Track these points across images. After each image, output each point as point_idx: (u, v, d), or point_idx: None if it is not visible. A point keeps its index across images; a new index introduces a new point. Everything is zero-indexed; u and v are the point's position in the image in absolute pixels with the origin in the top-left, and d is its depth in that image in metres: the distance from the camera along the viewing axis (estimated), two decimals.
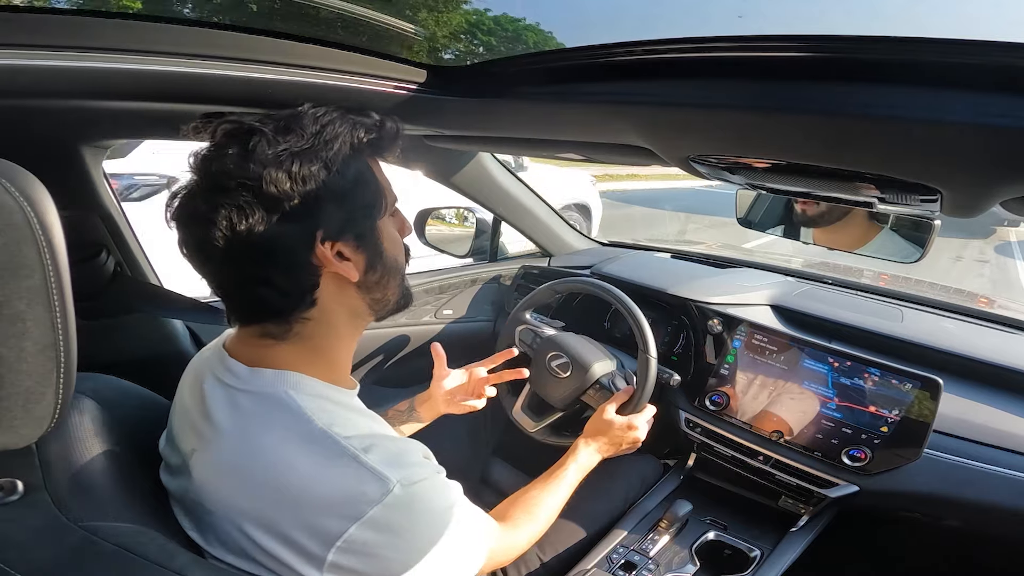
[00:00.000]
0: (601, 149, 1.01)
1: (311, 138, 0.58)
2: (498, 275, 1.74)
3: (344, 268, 0.61)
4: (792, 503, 1.18)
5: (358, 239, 0.62)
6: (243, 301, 0.61)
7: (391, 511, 0.53)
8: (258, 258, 0.57)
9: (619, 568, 1.04)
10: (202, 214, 0.55)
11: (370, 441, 0.57)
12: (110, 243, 1.07)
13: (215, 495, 0.57)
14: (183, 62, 0.62)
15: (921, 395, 1.04)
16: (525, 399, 1.24)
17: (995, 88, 0.47)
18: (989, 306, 1.43)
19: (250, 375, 0.60)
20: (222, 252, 0.56)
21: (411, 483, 0.55)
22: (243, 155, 0.55)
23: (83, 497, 0.53)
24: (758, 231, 1.23)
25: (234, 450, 0.57)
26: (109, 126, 0.88)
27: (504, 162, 1.55)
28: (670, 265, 1.73)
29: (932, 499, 1.04)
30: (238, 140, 0.56)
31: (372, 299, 0.66)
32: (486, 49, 0.78)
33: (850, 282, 1.56)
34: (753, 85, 0.60)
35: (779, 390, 1.19)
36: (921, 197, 0.68)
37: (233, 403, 0.59)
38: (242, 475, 0.56)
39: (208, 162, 0.57)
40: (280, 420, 0.57)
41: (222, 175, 0.55)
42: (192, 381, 0.66)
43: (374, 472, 0.54)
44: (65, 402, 0.45)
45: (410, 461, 0.58)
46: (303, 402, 0.58)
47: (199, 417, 0.61)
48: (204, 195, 0.56)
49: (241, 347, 0.63)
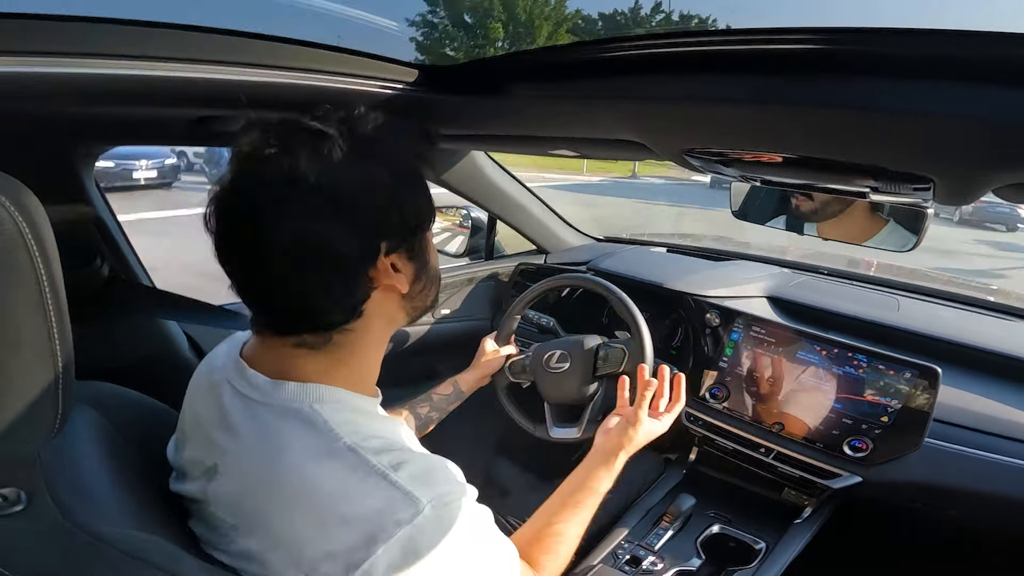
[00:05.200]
0: (595, 145, 1.01)
1: (374, 143, 0.56)
2: (494, 273, 1.74)
3: (397, 280, 0.59)
4: (795, 495, 1.18)
5: (410, 251, 0.60)
6: (288, 311, 0.57)
7: (421, 532, 0.51)
8: (320, 263, 0.54)
9: (625, 563, 1.05)
10: (267, 211, 0.52)
11: (400, 457, 0.54)
12: (103, 248, 1.07)
13: (238, 510, 0.56)
14: (177, 66, 0.62)
15: (920, 384, 1.04)
16: (551, 416, 1.20)
17: (986, 79, 0.47)
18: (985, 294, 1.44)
19: (273, 388, 0.57)
20: (282, 253, 0.52)
21: (443, 504, 0.53)
22: (316, 156, 0.52)
23: (87, 504, 0.52)
24: (754, 223, 1.23)
25: (258, 468, 0.55)
26: (100, 132, 0.88)
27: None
28: (666, 259, 1.73)
29: (934, 489, 1.04)
30: (308, 143, 0.53)
31: (412, 307, 0.65)
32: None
33: (846, 272, 1.56)
34: (746, 78, 0.60)
35: (778, 382, 1.19)
36: (914, 186, 0.69)
37: (255, 417, 0.57)
38: (267, 493, 0.54)
39: (276, 160, 0.52)
40: (305, 437, 0.54)
41: (295, 173, 0.51)
42: (206, 390, 0.63)
43: (404, 491, 0.52)
44: (66, 409, 0.45)
45: (440, 479, 0.56)
46: (329, 416, 0.55)
47: (218, 430, 0.59)
48: (271, 191, 0.52)
49: (263, 356, 0.60)
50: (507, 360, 1.23)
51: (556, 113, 0.85)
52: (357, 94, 0.75)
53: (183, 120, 0.79)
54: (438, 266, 0.68)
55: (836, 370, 1.13)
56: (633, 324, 1.13)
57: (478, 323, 1.69)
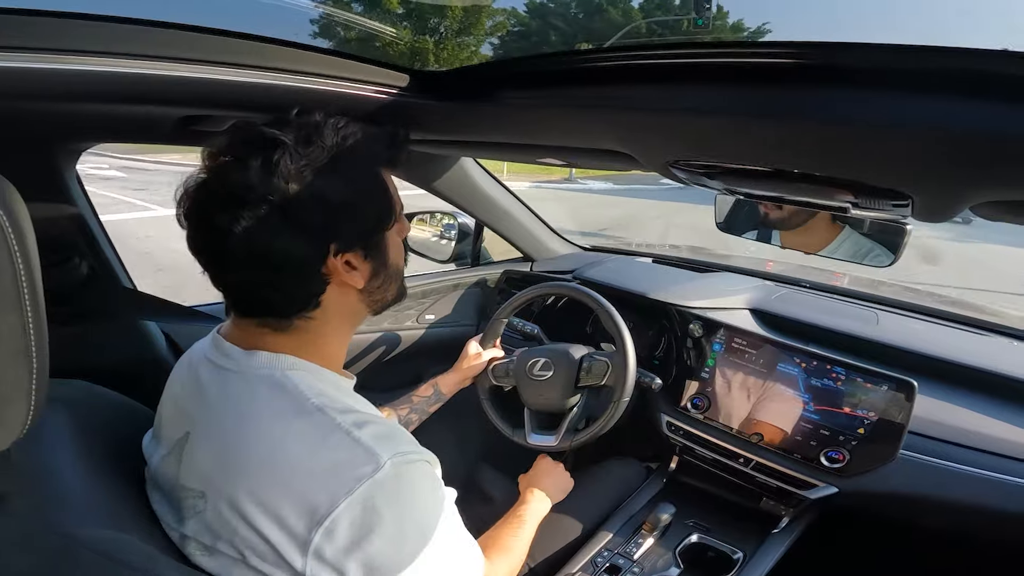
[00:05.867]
0: (581, 154, 1.02)
1: (332, 150, 0.59)
2: (480, 280, 1.75)
3: (351, 277, 0.62)
4: (773, 505, 1.19)
5: (367, 250, 0.63)
6: (248, 300, 0.62)
7: (381, 488, 0.52)
8: (271, 267, 0.57)
9: (604, 571, 1.05)
10: (219, 222, 0.55)
11: (364, 418, 0.57)
12: (83, 246, 1.05)
13: (207, 475, 0.57)
14: (162, 65, 0.61)
15: (896, 397, 1.06)
16: (531, 423, 1.20)
17: (964, 94, 0.48)
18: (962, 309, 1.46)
19: (245, 356, 0.60)
20: (234, 260, 0.57)
21: (404, 462, 0.55)
22: (266, 168, 0.55)
23: (60, 504, 0.52)
24: (736, 235, 1.25)
25: (228, 429, 0.57)
26: (83, 129, 0.87)
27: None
28: (651, 270, 1.75)
29: (910, 500, 1.05)
30: (260, 152, 0.56)
31: (372, 300, 0.68)
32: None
33: (827, 286, 1.59)
34: (731, 91, 0.61)
35: (758, 393, 1.20)
36: (893, 202, 0.70)
37: (227, 384, 0.60)
38: (236, 453, 0.55)
39: (229, 172, 0.56)
40: (274, 398, 0.57)
41: (244, 188, 0.55)
42: (186, 371, 0.66)
43: (366, 447, 0.54)
44: (38, 408, 0.44)
45: (403, 440, 0.58)
46: (298, 380, 0.58)
47: (192, 402, 0.62)
48: (223, 204, 0.56)
49: (237, 333, 0.63)
50: (491, 363, 1.23)
51: (544, 121, 0.86)
52: (346, 98, 0.75)
53: (168, 119, 0.78)
54: (401, 264, 0.71)
55: (815, 382, 1.15)
56: (618, 337, 1.14)
57: (464, 329, 1.69)
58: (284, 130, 0.58)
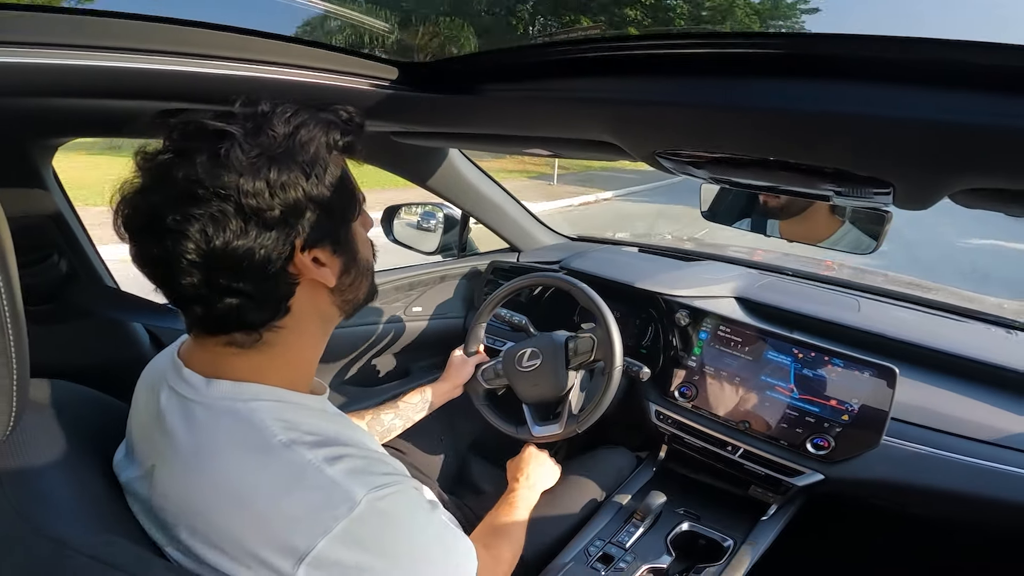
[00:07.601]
0: (569, 145, 1.02)
1: (285, 140, 0.54)
2: (467, 271, 1.74)
3: (321, 274, 0.58)
4: (762, 492, 1.21)
5: (335, 244, 0.60)
6: (211, 313, 0.55)
7: (361, 524, 0.51)
8: (233, 271, 0.53)
9: (596, 560, 1.06)
10: (170, 226, 0.50)
11: (337, 452, 0.54)
12: (62, 244, 1.03)
13: (179, 512, 0.54)
14: (139, 58, 0.60)
15: (878, 383, 1.07)
16: (531, 416, 1.21)
17: (945, 85, 0.49)
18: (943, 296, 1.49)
19: (206, 386, 0.56)
20: (192, 265, 0.52)
21: (380, 496, 0.52)
22: (214, 161, 0.51)
23: (44, 506, 0.51)
24: (722, 224, 1.26)
25: (194, 468, 0.54)
26: (60, 124, 0.85)
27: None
28: (637, 259, 1.75)
29: (894, 486, 1.07)
30: (206, 143, 0.52)
31: (343, 300, 0.65)
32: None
33: (809, 273, 1.61)
34: (717, 82, 0.61)
35: (745, 381, 1.21)
36: (875, 190, 0.71)
37: (190, 417, 0.56)
38: (204, 493, 0.53)
39: (171, 167, 0.51)
40: (240, 435, 0.54)
41: (192, 183, 0.50)
42: (147, 392, 0.62)
43: (341, 486, 0.51)
44: (20, 409, 0.43)
45: (377, 471, 0.55)
46: (264, 414, 0.55)
47: (156, 431, 0.58)
48: (171, 204, 0.50)
49: (198, 355, 0.59)
50: (478, 368, 1.24)
51: (531, 113, 0.85)
52: (333, 90, 0.74)
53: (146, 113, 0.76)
54: (370, 257, 0.67)
55: (800, 370, 1.16)
56: (597, 312, 1.15)
57: (450, 321, 1.69)
58: (230, 122, 0.53)
